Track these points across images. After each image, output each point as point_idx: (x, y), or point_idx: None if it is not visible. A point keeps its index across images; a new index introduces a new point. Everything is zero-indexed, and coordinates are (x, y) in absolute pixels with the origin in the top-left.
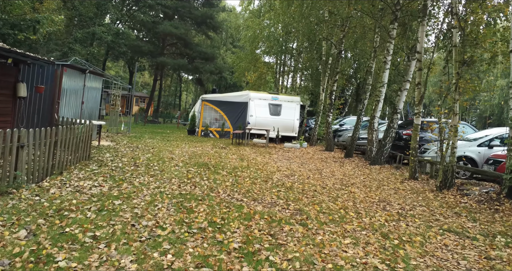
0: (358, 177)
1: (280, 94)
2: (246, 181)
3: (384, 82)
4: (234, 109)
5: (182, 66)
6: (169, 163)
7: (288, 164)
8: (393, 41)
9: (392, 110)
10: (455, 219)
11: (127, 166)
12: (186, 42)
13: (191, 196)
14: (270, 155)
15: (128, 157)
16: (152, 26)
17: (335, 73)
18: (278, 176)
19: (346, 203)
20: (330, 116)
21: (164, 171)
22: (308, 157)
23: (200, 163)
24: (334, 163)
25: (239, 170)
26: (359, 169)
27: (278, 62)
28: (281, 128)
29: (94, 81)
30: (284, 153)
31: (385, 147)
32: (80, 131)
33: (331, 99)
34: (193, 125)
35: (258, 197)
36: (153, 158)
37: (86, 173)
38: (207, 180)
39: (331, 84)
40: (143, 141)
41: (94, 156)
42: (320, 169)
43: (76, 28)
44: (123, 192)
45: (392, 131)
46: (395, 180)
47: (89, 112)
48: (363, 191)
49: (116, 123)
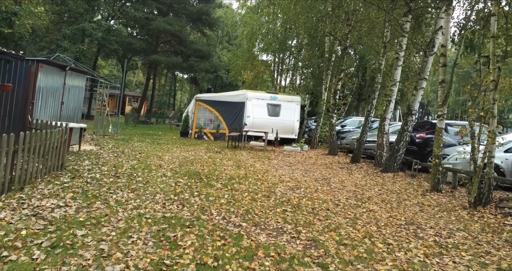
0: (372, 189)
1: (279, 93)
2: (244, 197)
3: (396, 80)
4: (230, 109)
5: (176, 64)
6: (156, 172)
7: (290, 172)
8: (406, 35)
9: (406, 111)
10: (510, 251)
11: (106, 177)
12: (180, 40)
13: (177, 220)
14: (269, 160)
15: (109, 165)
16: (145, 22)
17: (339, 70)
18: (281, 188)
19: (369, 227)
20: (334, 117)
21: (148, 183)
22: (311, 163)
23: (192, 172)
24: (340, 169)
25: (236, 181)
26: (371, 177)
27: (276, 60)
28: (280, 129)
29: (76, 79)
30: (284, 158)
31: (398, 152)
32: (52, 136)
33: (335, 99)
34: (186, 127)
35: (261, 220)
36: (139, 166)
37: (54, 188)
38: (198, 196)
39: (335, 83)
40: (130, 144)
41: (70, 165)
42: (327, 178)
43: (65, 24)
44: (92, 216)
45: (407, 134)
46: (415, 192)
47: (70, 113)
48: (383, 208)
49: (103, 125)
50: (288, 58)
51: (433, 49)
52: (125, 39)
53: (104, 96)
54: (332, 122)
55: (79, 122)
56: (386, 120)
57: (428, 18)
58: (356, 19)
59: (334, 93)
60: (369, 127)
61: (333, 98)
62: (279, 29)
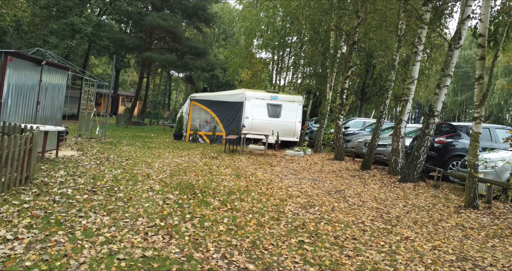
0: (396, 204)
1: (279, 93)
2: (248, 221)
3: (413, 77)
4: (227, 110)
5: (170, 62)
6: (142, 185)
7: (297, 182)
8: (426, 27)
9: (427, 113)
10: None
11: (80, 192)
12: (175, 36)
13: (160, 262)
14: (271, 167)
15: (88, 175)
16: (138, 17)
17: (346, 68)
18: (291, 207)
19: (413, 267)
20: (341, 119)
21: (131, 200)
22: (317, 170)
23: (184, 183)
24: (352, 179)
25: (237, 196)
26: (389, 188)
27: (276, 57)
28: (281, 132)
29: (55, 75)
30: (287, 164)
31: (418, 159)
32: (12, 143)
33: (342, 99)
34: (180, 129)
35: (273, 259)
36: (123, 176)
37: (9, 210)
38: (191, 221)
39: (342, 81)
40: (118, 149)
41: (40, 177)
42: (341, 190)
43: (53, 19)
44: (45, 258)
45: (428, 139)
46: (447, 209)
47: (48, 114)
48: (420, 234)
49: (89, 127)
50: (288, 55)
51: (459, 41)
52: (117, 35)
53: (90, 95)
54: (338, 124)
55: (58, 124)
56: (402, 122)
57: (449, 8)
58: (366, 11)
59: (341, 92)
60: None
61: (340, 97)
62: (280, 23)
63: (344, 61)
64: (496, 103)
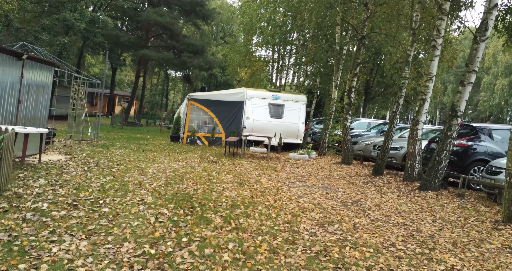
0: (424, 219)
1: (282, 92)
2: (258, 245)
3: (431, 74)
4: (227, 110)
5: (167, 60)
6: (133, 196)
7: (307, 191)
8: (445, 18)
9: (449, 113)
10: None
11: (58, 207)
12: (172, 33)
13: None
14: (276, 172)
15: (71, 185)
16: (134, 13)
17: (355, 64)
18: (306, 224)
19: None
20: (349, 120)
21: (117, 218)
22: (325, 175)
23: (181, 194)
24: (365, 186)
25: (242, 210)
26: (409, 198)
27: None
28: (284, 133)
29: (39, 71)
30: (293, 168)
31: (440, 165)
32: None
33: (350, 98)
34: (177, 130)
35: None
36: (111, 185)
37: None
38: (188, 247)
39: (350, 79)
40: (110, 152)
41: (14, 187)
42: (357, 200)
43: (45, 15)
44: None
45: (450, 142)
46: (482, 225)
47: (30, 114)
48: (465, 261)
49: (80, 128)
50: (289, 53)
51: (486, 33)
52: (112, 32)
53: (82, 94)
54: (346, 125)
55: (44, 126)
56: (419, 123)
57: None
58: (376, 2)
59: (348, 91)
60: (379, 130)
61: (347, 97)
62: (282, 19)
63: (350, 58)
64: (496, 104)
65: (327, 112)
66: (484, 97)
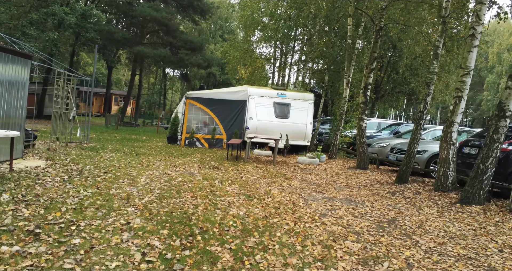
0: (485, 246)
1: (287, 90)
2: None
3: (469, 67)
4: (228, 109)
5: (164, 57)
6: (116, 217)
7: (329, 205)
8: (486, 2)
9: (496, 113)
10: None
11: (12, 238)
12: (169, 29)
13: None
14: (287, 180)
15: (42, 201)
16: (127, 8)
17: (371, 59)
18: (346, 263)
19: None
20: (365, 120)
21: (89, 253)
22: (343, 183)
23: (177, 214)
24: (393, 197)
25: (256, 239)
26: (453, 215)
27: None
28: (290, 134)
29: (12, 65)
30: (304, 175)
31: (485, 174)
32: None
33: (365, 96)
34: (174, 131)
35: None
36: (92, 201)
37: None
38: None
39: (366, 75)
40: (99, 157)
41: None
42: (393, 218)
43: (33, 9)
44: None
45: (497, 147)
46: None
47: (1, 115)
48: None
49: (66, 129)
50: (292, 50)
51: None
52: (105, 27)
53: (68, 92)
54: (362, 126)
55: (21, 127)
56: (454, 125)
57: None
58: None
59: (364, 88)
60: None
61: (363, 95)
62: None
63: (362, 53)
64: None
65: (338, 111)
66: (487, 96)
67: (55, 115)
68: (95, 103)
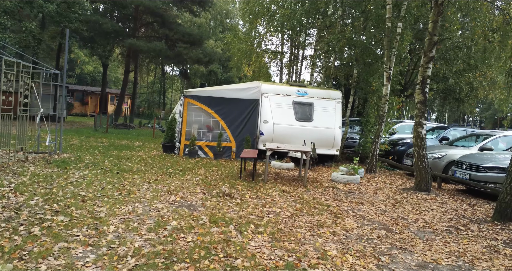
0: None
1: (308, 86)
2: None
3: None
4: (236, 110)
5: (160, 51)
6: None
7: None
8: None
9: None
10: None
11: None
12: (164, 20)
13: None
14: (337, 219)
15: None
16: None
17: (431, 44)
18: None
19: None
20: (424, 125)
21: None
22: (418, 221)
23: None
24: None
25: None
26: None
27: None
28: (315, 142)
29: None
30: (356, 207)
31: None
32: None
33: (424, 94)
34: (171, 137)
35: None
36: None
37: None
38: None
39: (424, 65)
40: (64, 177)
41: None
42: None
43: None
44: None
45: None
46: None
47: None
48: None
49: (26, 136)
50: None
51: None
52: (91, 17)
53: (27, 89)
54: (421, 134)
55: None
56: None
57: None
58: None
59: (421, 83)
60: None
61: (421, 91)
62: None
63: (401, 40)
64: None
65: (376, 113)
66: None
67: (21, 119)
68: (90, 103)
